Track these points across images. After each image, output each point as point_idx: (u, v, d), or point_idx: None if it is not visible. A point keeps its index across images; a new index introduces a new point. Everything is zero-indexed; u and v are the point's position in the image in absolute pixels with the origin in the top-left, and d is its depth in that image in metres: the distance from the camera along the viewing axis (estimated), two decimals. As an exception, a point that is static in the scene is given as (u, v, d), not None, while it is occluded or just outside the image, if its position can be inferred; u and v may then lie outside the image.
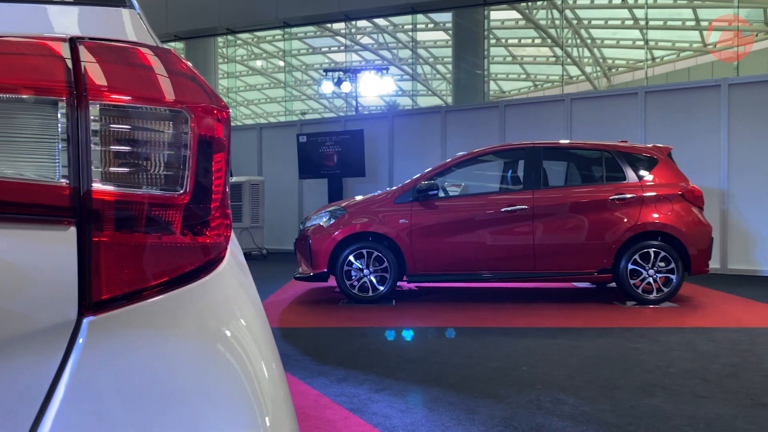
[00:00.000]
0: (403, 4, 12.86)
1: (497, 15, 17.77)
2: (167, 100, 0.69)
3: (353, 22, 16.85)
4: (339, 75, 13.16)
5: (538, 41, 20.02)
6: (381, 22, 18.83)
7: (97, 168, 0.65)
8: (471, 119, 10.10)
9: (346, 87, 13.10)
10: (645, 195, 5.59)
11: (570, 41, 19.50)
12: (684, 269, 5.52)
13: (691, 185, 5.75)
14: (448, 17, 16.36)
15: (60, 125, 0.64)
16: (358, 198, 6.27)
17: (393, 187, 6.25)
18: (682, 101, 8.39)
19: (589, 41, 20.53)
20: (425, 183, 5.79)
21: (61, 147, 0.64)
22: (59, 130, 0.64)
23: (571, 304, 5.76)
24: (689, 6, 17.47)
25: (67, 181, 0.64)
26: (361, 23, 18.50)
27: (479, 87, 14.26)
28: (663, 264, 5.49)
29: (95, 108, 0.65)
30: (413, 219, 5.71)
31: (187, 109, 0.70)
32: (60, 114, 0.64)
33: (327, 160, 10.63)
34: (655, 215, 5.54)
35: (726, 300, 5.92)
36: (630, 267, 5.50)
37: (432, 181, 5.81)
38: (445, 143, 10.11)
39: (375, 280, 5.73)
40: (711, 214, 7.29)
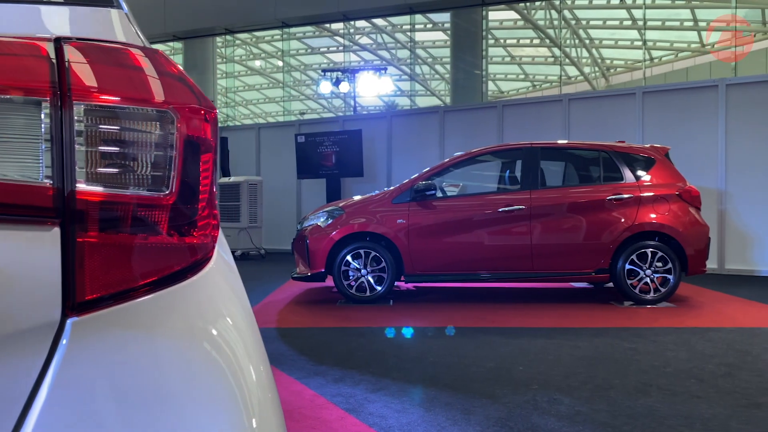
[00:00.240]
0: (402, 4, 12.86)
1: (495, 15, 17.78)
2: (153, 100, 0.68)
3: (352, 22, 16.85)
4: (337, 75, 13.16)
5: (536, 41, 20.03)
6: (379, 22, 18.83)
7: (82, 168, 0.65)
8: (469, 119, 10.11)
9: (344, 87, 13.10)
10: (642, 195, 5.59)
11: (568, 41, 19.51)
12: (681, 269, 5.52)
13: (688, 185, 5.76)
14: (446, 17, 16.37)
15: (43, 125, 0.63)
16: (356, 198, 6.27)
17: (391, 187, 6.25)
18: (679, 101, 8.40)
19: (588, 41, 20.54)
20: (423, 183, 5.79)
21: (45, 147, 0.64)
22: (42, 130, 0.63)
23: (568, 304, 5.76)
24: (687, 6, 17.50)
25: (51, 182, 0.63)
26: (360, 23, 18.49)
27: (477, 87, 14.27)
28: (660, 264, 5.50)
29: (79, 108, 0.65)
30: (411, 219, 5.71)
31: (174, 110, 0.70)
32: (43, 114, 0.63)
33: (325, 160, 10.63)
34: (653, 215, 5.54)
35: (723, 300, 5.92)
36: (627, 267, 5.51)
37: (429, 181, 5.82)
38: (444, 143, 10.11)
39: (372, 280, 5.73)
40: (708, 214, 7.30)
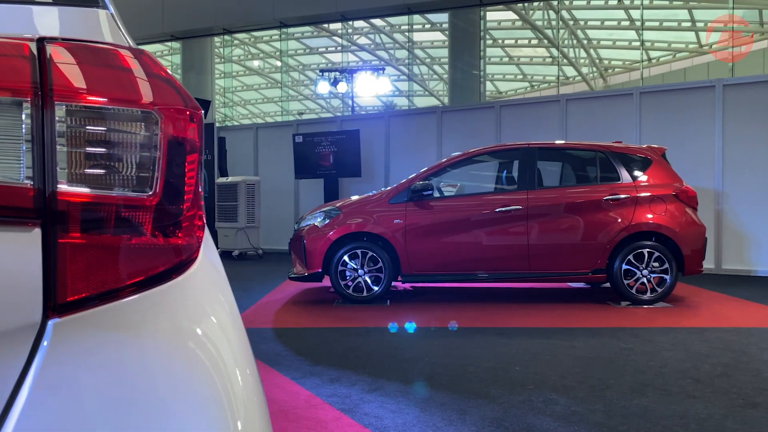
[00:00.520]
0: (400, 4, 12.86)
1: (494, 16, 17.79)
2: (137, 101, 0.68)
3: (350, 22, 16.85)
4: (335, 75, 13.16)
5: (534, 42, 20.05)
6: (378, 22, 18.84)
7: (63, 169, 0.64)
8: (467, 119, 10.11)
9: (342, 87, 13.10)
10: (639, 195, 5.60)
11: (566, 42, 19.53)
12: (678, 269, 5.53)
13: (685, 186, 5.76)
14: (444, 18, 16.38)
15: (24, 126, 0.63)
16: (353, 198, 6.26)
17: (388, 188, 6.25)
18: (676, 102, 8.41)
19: (586, 42, 20.56)
20: (420, 183, 5.79)
21: (26, 148, 0.63)
22: (24, 130, 0.63)
23: (565, 304, 5.76)
24: (685, 7, 17.52)
25: (32, 182, 0.63)
26: (358, 23, 18.50)
27: (476, 87, 14.28)
28: (657, 264, 5.50)
29: (61, 109, 0.64)
30: (408, 219, 5.71)
31: (158, 111, 0.69)
32: (24, 115, 0.63)
33: (323, 160, 10.63)
34: (649, 215, 5.55)
35: (719, 300, 5.93)
36: (624, 267, 5.51)
37: (427, 182, 5.81)
38: (441, 143, 10.11)
39: (369, 280, 5.73)
40: (705, 214, 7.31)
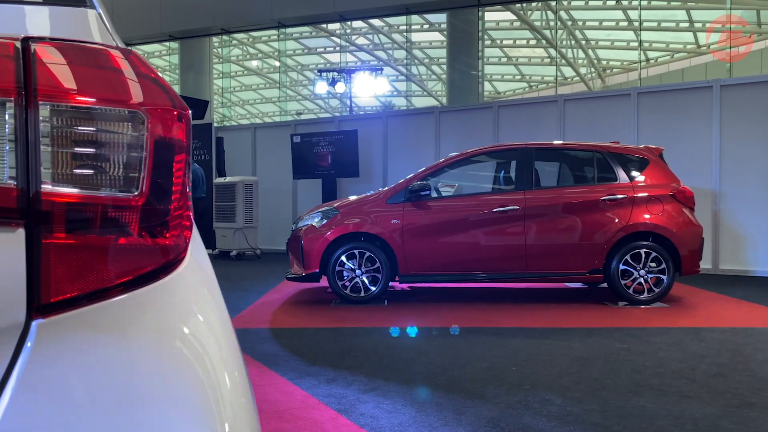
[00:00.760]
0: (398, 4, 12.86)
1: (492, 16, 17.80)
2: (123, 101, 0.68)
3: (348, 22, 16.85)
4: (333, 75, 13.17)
5: (532, 42, 20.06)
6: (376, 22, 18.84)
7: (47, 169, 0.64)
8: (465, 120, 10.11)
9: (340, 87, 13.11)
10: (636, 195, 5.60)
11: (564, 42, 19.55)
12: (675, 269, 5.53)
13: (682, 186, 5.77)
14: (442, 18, 16.38)
15: (8, 126, 0.63)
16: (351, 198, 6.26)
17: (385, 188, 6.25)
18: (674, 102, 8.42)
19: (584, 42, 20.58)
20: (417, 183, 5.79)
21: (9, 148, 0.63)
22: (7, 130, 0.63)
23: (562, 304, 5.77)
24: (683, 7, 17.55)
25: (15, 183, 0.63)
26: (357, 24, 18.50)
27: (474, 88, 14.29)
28: (654, 264, 5.51)
29: (45, 109, 0.64)
30: (405, 219, 5.71)
31: (145, 111, 0.69)
32: (8, 115, 0.63)
33: (321, 160, 10.63)
34: (646, 216, 5.55)
35: (716, 300, 5.94)
36: (621, 267, 5.52)
37: (424, 182, 5.82)
38: (439, 144, 10.12)
39: (367, 280, 5.73)
40: (703, 214, 7.32)
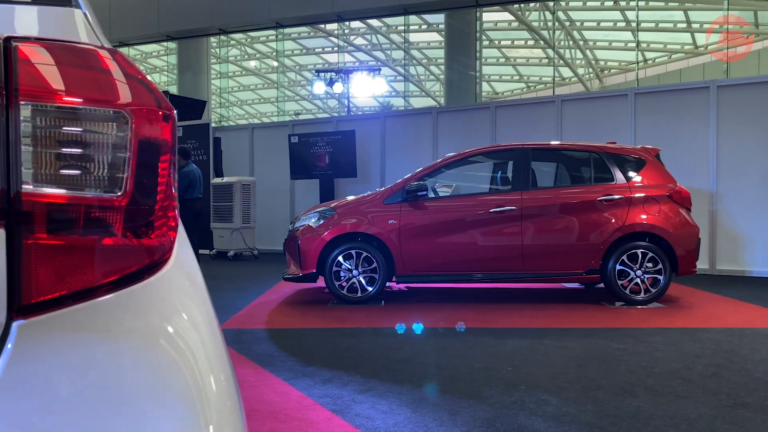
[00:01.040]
0: (396, 5, 12.87)
1: (490, 16, 17.81)
2: (106, 100, 0.67)
3: (346, 23, 16.85)
4: (331, 75, 13.16)
5: (530, 43, 20.08)
6: (374, 23, 18.84)
7: (29, 170, 0.63)
8: (462, 120, 10.12)
9: (337, 87, 13.11)
10: (633, 196, 5.61)
11: (562, 43, 19.57)
12: (671, 270, 5.54)
13: (679, 186, 5.78)
14: (440, 18, 16.40)
15: None
16: (348, 198, 6.26)
17: (383, 188, 6.25)
18: (671, 103, 8.43)
19: (582, 43, 20.61)
20: (414, 184, 5.79)
21: None
22: None
23: (559, 304, 5.77)
24: (680, 8, 17.57)
25: None
26: (355, 24, 18.50)
27: (472, 88, 14.30)
28: (650, 265, 5.51)
29: (27, 109, 0.63)
30: (402, 220, 5.71)
31: (129, 111, 0.69)
32: None
33: (318, 160, 10.62)
34: (643, 216, 5.56)
35: (713, 300, 5.95)
36: (618, 268, 5.52)
37: (421, 182, 5.82)
38: (437, 144, 10.12)
39: (364, 280, 5.72)
40: (700, 214, 7.33)
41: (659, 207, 5.59)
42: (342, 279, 5.73)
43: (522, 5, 16.31)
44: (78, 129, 0.66)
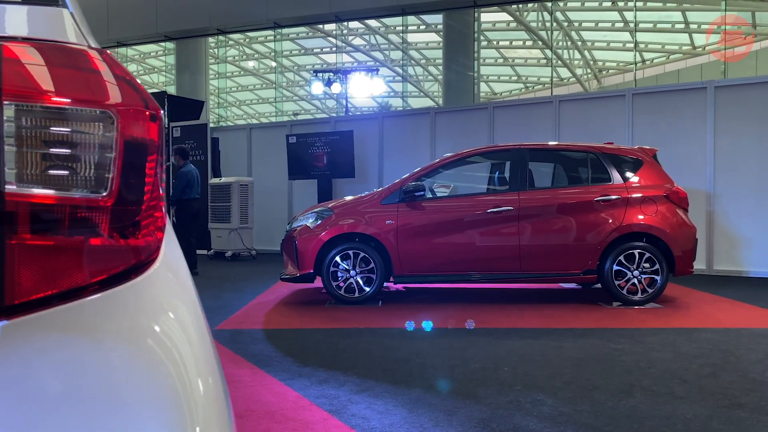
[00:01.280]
0: (394, 5, 12.87)
1: (488, 17, 17.83)
2: (92, 100, 0.67)
3: (345, 23, 16.85)
4: (329, 76, 13.16)
5: (528, 43, 20.09)
6: (372, 23, 18.85)
7: (12, 170, 0.63)
8: (460, 120, 10.12)
9: (335, 88, 13.11)
10: (630, 196, 5.61)
11: (560, 43, 19.58)
12: (668, 270, 5.55)
13: (676, 187, 5.79)
14: (439, 19, 16.40)
15: None
16: (346, 199, 6.26)
17: (380, 188, 6.24)
18: (668, 103, 8.44)
19: (580, 43, 20.63)
20: (412, 184, 5.79)
21: None
22: None
23: (556, 304, 5.77)
24: (678, 9, 17.60)
25: None
26: (353, 24, 18.50)
27: (470, 88, 14.30)
28: (648, 265, 5.52)
29: (10, 108, 0.63)
30: (400, 220, 5.71)
31: (115, 111, 0.68)
32: None
33: (316, 160, 10.62)
34: (640, 216, 5.56)
35: (710, 301, 5.95)
36: (615, 268, 5.52)
37: (418, 182, 5.82)
38: (435, 144, 10.12)
39: (361, 281, 5.72)
40: (697, 215, 7.34)
41: (656, 207, 5.60)
42: (339, 279, 5.72)
43: (520, 6, 16.33)
44: (63, 129, 0.65)
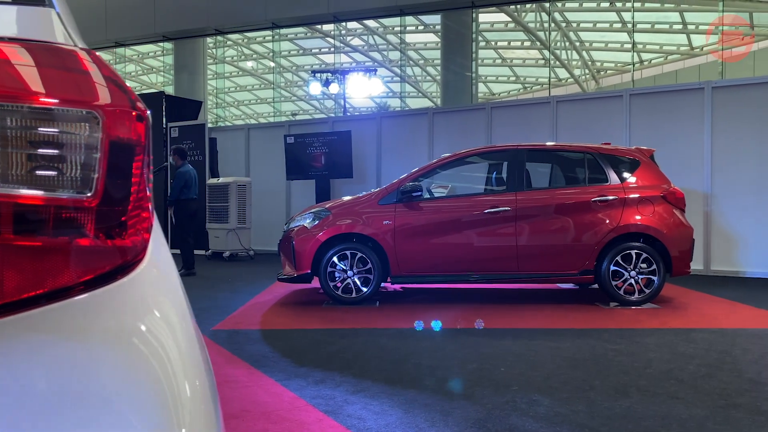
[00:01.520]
0: (392, 6, 12.87)
1: (486, 17, 17.83)
2: (76, 100, 0.67)
3: (343, 23, 16.84)
4: (327, 76, 13.16)
5: (527, 44, 20.10)
6: (370, 23, 18.84)
7: None
8: (458, 121, 10.13)
9: (333, 88, 13.10)
10: (627, 197, 5.62)
11: (558, 44, 19.60)
12: (665, 270, 5.55)
13: (673, 187, 5.79)
14: (437, 19, 16.40)
15: None
16: (344, 199, 6.25)
17: (378, 188, 6.24)
18: (666, 103, 8.45)
19: (578, 44, 20.64)
20: (409, 184, 5.79)
21: None
22: None
23: (554, 305, 5.77)
24: (676, 9, 17.61)
25: None
26: (351, 25, 18.50)
27: (468, 89, 14.31)
28: (645, 265, 5.52)
29: None
30: (397, 220, 5.71)
31: (100, 111, 0.68)
32: None
33: (314, 161, 10.62)
34: (637, 217, 5.57)
35: (707, 301, 5.96)
36: (612, 268, 5.53)
37: (416, 183, 5.82)
38: (433, 144, 10.12)
39: (359, 281, 5.72)
40: (694, 215, 7.35)
41: (653, 208, 5.60)
42: (337, 280, 5.72)
43: (518, 6, 16.34)
44: (47, 129, 0.65)
